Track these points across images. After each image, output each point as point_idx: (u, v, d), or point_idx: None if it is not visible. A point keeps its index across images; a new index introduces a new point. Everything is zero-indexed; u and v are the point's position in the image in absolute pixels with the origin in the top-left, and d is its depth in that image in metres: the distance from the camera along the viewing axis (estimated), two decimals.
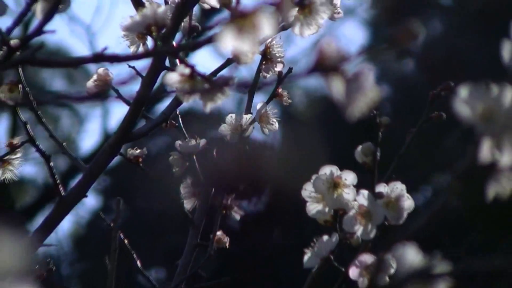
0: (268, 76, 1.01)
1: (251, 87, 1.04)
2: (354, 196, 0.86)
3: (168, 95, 1.05)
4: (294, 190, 0.90)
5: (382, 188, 0.86)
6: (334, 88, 0.57)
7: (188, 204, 1.04)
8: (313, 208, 0.88)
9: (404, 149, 0.93)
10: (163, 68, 0.89)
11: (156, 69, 0.88)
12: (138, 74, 0.86)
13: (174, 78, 0.70)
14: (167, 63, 0.92)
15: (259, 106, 1.04)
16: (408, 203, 0.85)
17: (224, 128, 1.03)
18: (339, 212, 0.87)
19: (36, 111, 0.99)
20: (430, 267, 0.55)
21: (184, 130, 1.08)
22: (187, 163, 1.06)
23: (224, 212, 1.05)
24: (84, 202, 1.06)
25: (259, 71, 1.02)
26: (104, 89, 0.94)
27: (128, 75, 0.67)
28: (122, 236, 1.04)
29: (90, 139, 10.74)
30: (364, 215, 0.85)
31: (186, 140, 1.06)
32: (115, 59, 0.63)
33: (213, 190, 1.04)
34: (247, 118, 1.03)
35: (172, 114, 1.03)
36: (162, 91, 1.04)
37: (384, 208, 0.85)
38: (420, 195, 5.27)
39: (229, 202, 1.05)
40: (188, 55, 0.76)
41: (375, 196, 0.85)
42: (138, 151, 1.07)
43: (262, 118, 1.03)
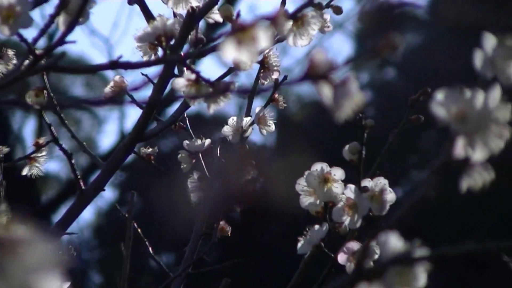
0: (266, 83, 1.01)
1: (250, 92, 1.04)
2: (342, 190, 0.86)
3: (176, 100, 1.05)
4: (289, 184, 0.90)
5: (367, 182, 0.86)
6: (324, 93, 0.57)
7: (194, 197, 1.04)
8: (305, 200, 0.88)
9: (386, 147, 0.93)
10: (172, 75, 0.89)
11: (166, 76, 0.88)
12: (150, 80, 0.85)
13: (181, 84, 0.70)
14: (175, 70, 0.91)
15: (257, 110, 1.03)
16: (390, 196, 0.85)
17: (226, 129, 1.03)
18: (329, 204, 0.87)
19: (60, 114, 0.99)
20: (410, 252, 0.55)
21: (191, 131, 1.08)
22: (194, 161, 1.06)
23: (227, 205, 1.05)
24: (102, 195, 1.06)
25: (257, 78, 1.02)
26: (120, 94, 0.93)
27: (141, 81, 0.67)
28: (136, 225, 1.04)
29: (108, 139, 10.73)
30: (351, 206, 0.85)
31: (193, 140, 1.06)
32: (129, 66, 0.63)
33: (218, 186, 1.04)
34: (247, 121, 1.03)
35: (181, 117, 1.03)
36: (172, 96, 1.04)
37: (368, 201, 0.85)
38: (400, 189, 5.28)
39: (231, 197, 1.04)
40: (194, 63, 0.76)
41: (360, 190, 0.85)
42: (150, 149, 1.07)
43: (260, 120, 1.03)
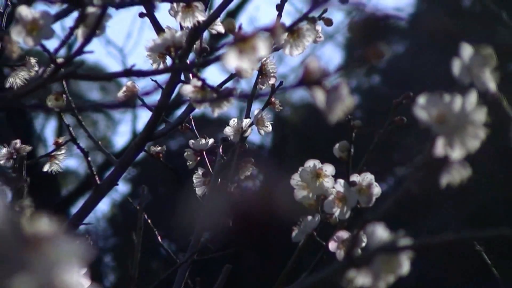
0: (264, 88, 1.00)
1: (249, 97, 1.04)
2: (332, 184, 0.86)
3: (183, 103, 1.05)
4: (284, 179, 0.90)
5: (355, 177, 0.86)
6: (317, 97, 0.57)
7: (199, 191, 1.04)
8: (300, 193, 0.88)
9: (373, 146, 0.93)
10: (179, 81, 0.89)
11: (174, 82, 0.88)
12: (159, 86, 0.85)
13: (189, 90, 0.70)
14: (182, 77, 0.91)
15: (256, 112, 1.03)
16: (376, 190, 0.85)
17: (228, 130, 1.03)
18: (321, 197, 0.87)
19: (77, 116, 0.99)
20: (395, 242, 0.55)
21: (196, 131, 1.07)
22: (199, 158, 1.06)
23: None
24: (116, 189, 1.06)
25: (256, 84, 1.02)
26: (132, 98, 0.93)
27: (151, 87, 0.67)
28: (146, 216, 1.04)
29: (121, 139, 10.73)
30: (341, 199, 0.85)
31: (198, 139, 1.06)
32: (141, 74, 0.63)
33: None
34: (246, 122, 1.02)
35: (186, 119, 1.03)
36: (179, 100, 1.04)
37: (356, 194, 0.85)
38: (385, 184, 5.28)
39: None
40: (199, 70, 0.76)
41: (349, 184, 0.85)
42: (159, 148, 1.07)
43: (258, 122, 1.03)
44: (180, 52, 0.76)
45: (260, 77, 1.01)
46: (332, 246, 0.80)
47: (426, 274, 4.41)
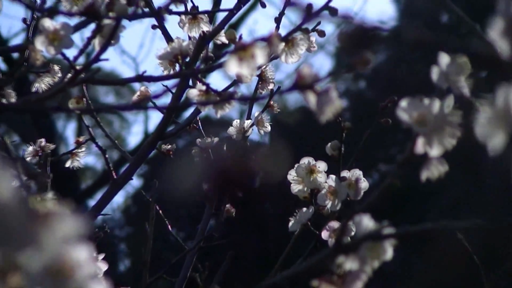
0: (263, 92, 1.00)
1: (250, 100, 1.04)
2: (325, 179, 0.86)
3: (191, 106, 1.04)
4: (282, 174, 0.90)
5: (345, 173, 0.86)
6: (310, 100, 0.56)
7: (205, 185, 1.04)
8: (295, 187, 0.88)
9: (361, 145, 0.93)
10: (187, 86, 0.89)
11: (182, 87, 0.88)
12: (169, 90, 0.85)
13: (195, 93, 0.70)
14: (190, 82, 0.91)
15: (256, 114, 1.03)
16: (364, 185, 0.85)
17: (231, 130, 1.03)
18: (314, 190, 0.87)
19: (96, 117, 0.99)
20: (379, 230, 0.54)
21: (202, 131, 1.07)
22: (205, 155, 1.06)
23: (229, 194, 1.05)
24: (131, 183, 1.06)
25: (256, 88, 1.02)
26: (145, 101, 0.93)
27: (162, 91, 0.67)
28: (158, 207, 1.04)
29: (135, 138, 10.73)
30: (332, 193, 0.85)
31: (204, 138, 1.06)
32: (152, 79, 0.63)
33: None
34: (247, 123, 1.02)
35: (194, 120, 1.03)
36: (187, 103, 1.04)
37: (346, 188, 0.85)
38: (372, 179, 5.28)
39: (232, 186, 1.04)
40: (204, 76, 0.76)
41: (340, 179, 0.85)
42: (169, 146, 1.07)
43: (258, 123, 1.03)
44: (187, 59, 0.76)
45: (259, 82, 1.00)
46: (324, 234, 0.80)
47: (408, 260, 4.41)
